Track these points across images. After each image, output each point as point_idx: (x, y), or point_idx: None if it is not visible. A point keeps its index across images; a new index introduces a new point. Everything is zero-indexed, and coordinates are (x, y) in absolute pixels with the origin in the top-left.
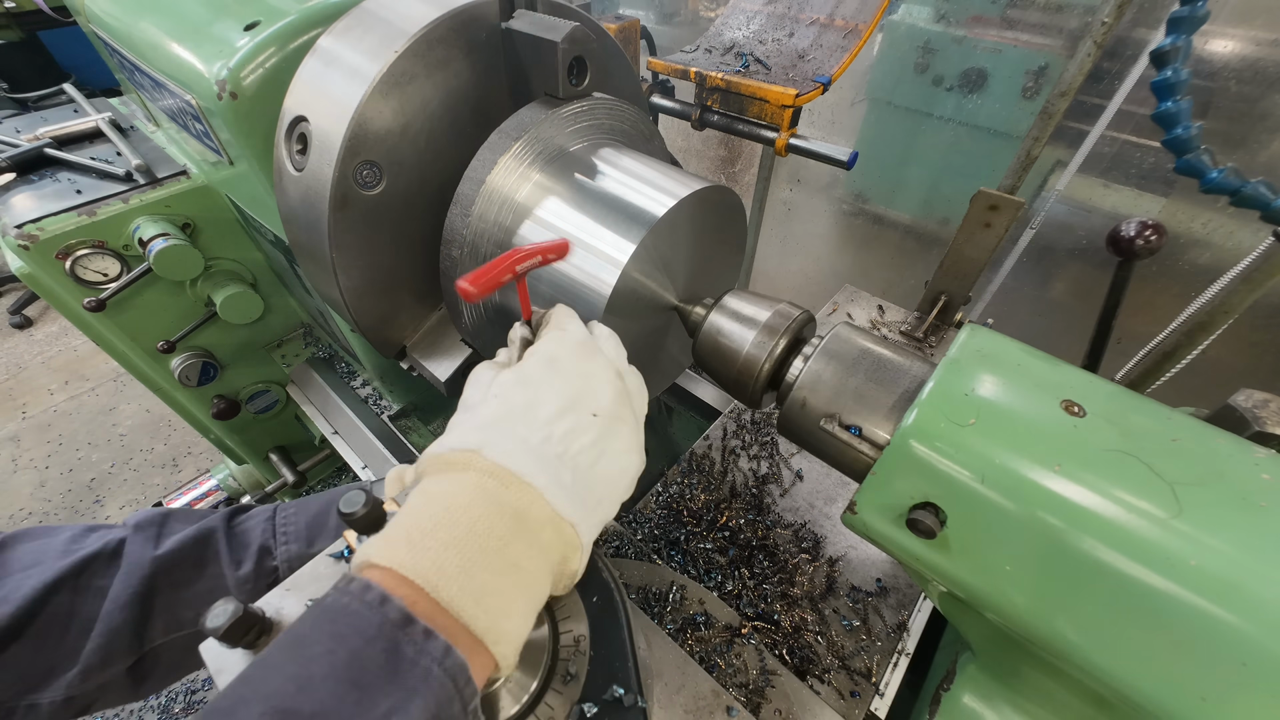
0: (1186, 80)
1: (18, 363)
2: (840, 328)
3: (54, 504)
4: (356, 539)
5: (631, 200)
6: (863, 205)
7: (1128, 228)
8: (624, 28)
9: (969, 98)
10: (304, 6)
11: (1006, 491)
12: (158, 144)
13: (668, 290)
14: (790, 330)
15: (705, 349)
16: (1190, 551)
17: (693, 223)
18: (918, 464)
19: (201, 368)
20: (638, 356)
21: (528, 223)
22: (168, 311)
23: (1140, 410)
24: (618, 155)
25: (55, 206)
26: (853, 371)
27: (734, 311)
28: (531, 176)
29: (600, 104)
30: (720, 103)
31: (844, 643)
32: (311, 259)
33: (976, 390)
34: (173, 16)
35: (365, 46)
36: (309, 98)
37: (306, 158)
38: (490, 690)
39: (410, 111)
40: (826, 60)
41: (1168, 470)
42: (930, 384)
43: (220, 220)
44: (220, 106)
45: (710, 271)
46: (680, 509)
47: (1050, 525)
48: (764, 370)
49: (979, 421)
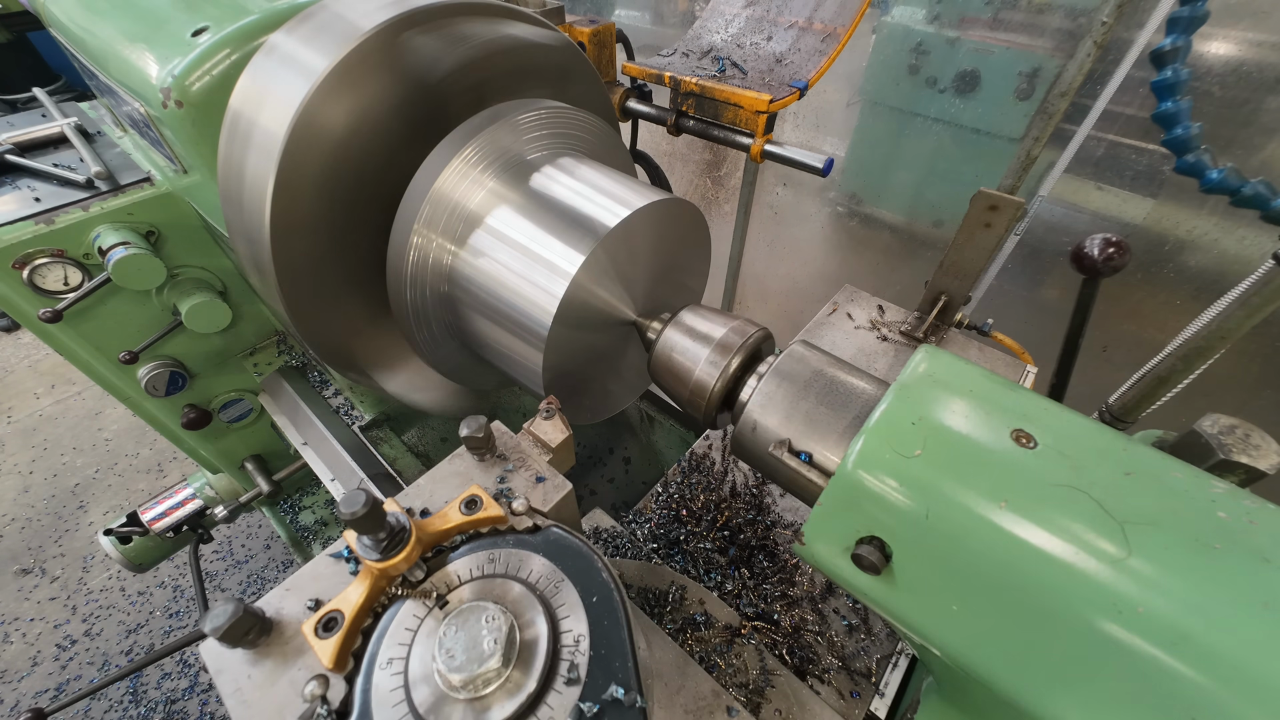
0: (1186, 80)
1: (4, 366)
2: (795, 346)
3: (37, 509)
4: (356, 539)
5: (585, 210)
6: (856, 207)
7: (1091, 246)
8: (598, 31)
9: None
10: (268, 7)
11: (952, 527)
12: (124, 150)
13: (625, 304)
14: (745, 348)
15: (660, 366)
16: (1139, 597)
17: (651, 235)
18: (863, 495)
19: (170, 377)
20: (594, 371)
21: (478, 232)
22: (132, 320)
23: (1095, 441)
24: (576, 165)
25: (12, 214)
26: (804, 394)
27: (689, 328)
28: (485, 183)
29: (561, 113)
30: (695, 108)
31: (844, 643)
32: (256, 269)
33: (925, 417)
34: (128, 20)
35: (318, 43)
36: (253, 96)
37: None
38: (489, 691)
39: (359, 111)
40: (804, 64)
41: (1119, 507)
42: (878, 410)
43: (186, 227)
44: (167, 115)
45: (673, 286)
46: (680, 509)
47: (996, 565)
48: (716, 390)
49: (925, 452)
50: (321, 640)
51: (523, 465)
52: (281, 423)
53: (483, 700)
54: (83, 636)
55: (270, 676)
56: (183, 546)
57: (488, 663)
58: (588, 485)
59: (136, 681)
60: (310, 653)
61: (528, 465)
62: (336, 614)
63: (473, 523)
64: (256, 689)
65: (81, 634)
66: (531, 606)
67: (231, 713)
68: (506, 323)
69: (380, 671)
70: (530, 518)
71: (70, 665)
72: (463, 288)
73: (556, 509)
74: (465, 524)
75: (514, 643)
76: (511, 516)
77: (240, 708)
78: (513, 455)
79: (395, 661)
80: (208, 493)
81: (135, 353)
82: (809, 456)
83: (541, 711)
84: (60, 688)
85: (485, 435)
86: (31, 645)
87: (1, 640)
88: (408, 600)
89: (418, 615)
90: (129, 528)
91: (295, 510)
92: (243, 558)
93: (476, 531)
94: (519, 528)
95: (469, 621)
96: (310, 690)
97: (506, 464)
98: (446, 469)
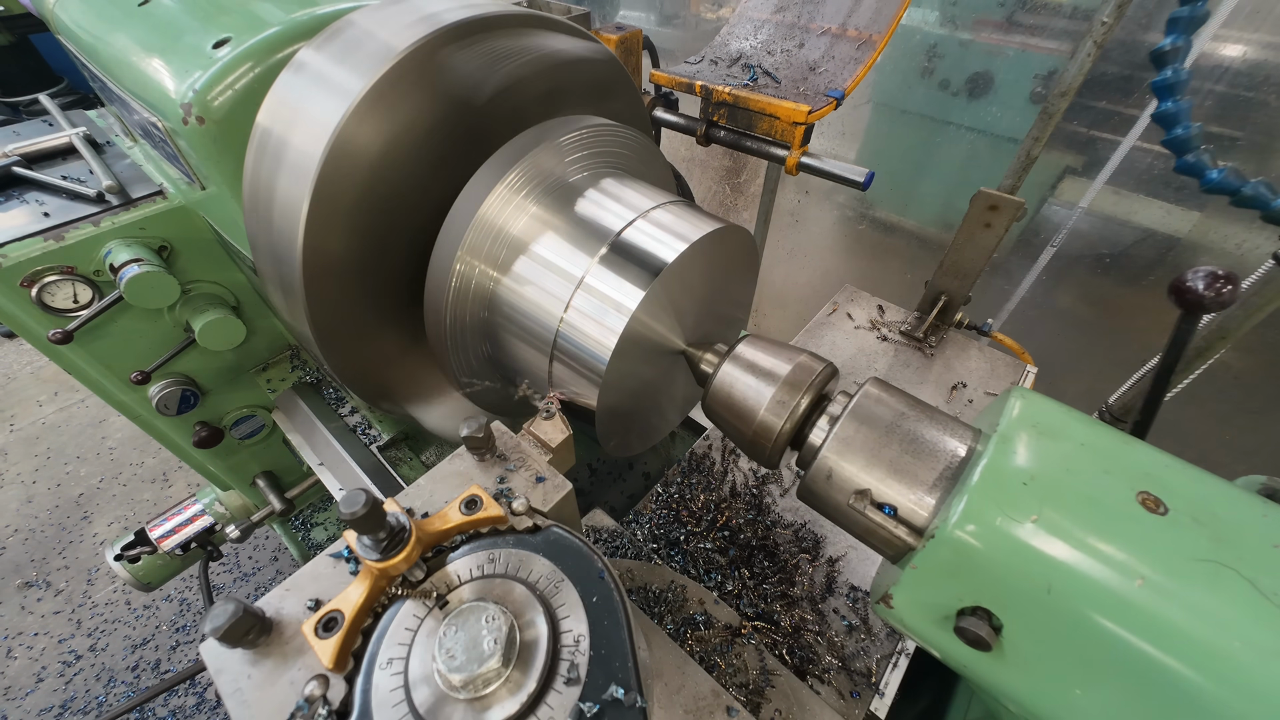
0: (1187, 80)
1: (6, 373)
2: (870, 386)
3: (40, 520)
4: (356, 539)
5: (638, 242)
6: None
7: (1195, 279)
8: (625, 38)
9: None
10: (289, 18)
11: (1080, 606)
12: (135, 161)
13: (675, 333)
14: (813, 387)
15: (718, 404)
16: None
17: (703, 263)
18: (970, 563)
19: (181, 396)
20: (643, 401)
21: (522, 259)
22: (144, 338)
23: (1230, 505)
24: (620, 187)
25: (20, 230)
26: (886, 440)
27: (749, 363)
28: (528, 209)
29: (601, 130)
30: (727, 118)
31: (844, 643)
32: (282, 289)
33: (1038, 476)
34: (142, 30)
35: (352, 62)
36: (284, 114)
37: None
38: (489, 691)
39: (395, 133)
40: (839, 73)
41: (1275, 588)
42: (981, 466)
43: (200, 241)
44: (187, 131)
45: (720, 309)
46: (680, 509)
47: (1133, 652)
48: (784, 432)
49: (1043, 518)
50: (321, 640)
51: (523, 465)
52: (296, 442)
53: (483, 700)
54: (87, 651)
55: (270, 676)
56: (191, 564)
57: (488, 663)
58: (607, 502)
59: None
60: (310, 653)
61: (528, 465)
62: (336, 614)
63: (473, 523)
64: (256, 689)
65: (86, 649)
66: (531, 606)
67: (231, 713)
68: (558, 357)
69: (380, 671)
70: (530, 518)
71: (75, 681)
72: (506, 316)
73: (556, 509)
74: (465, 524)
75: (514, 643)
76: (511, 516)
77: (240, 708)
78: (513, 455)
79: (395, 661)
80: (217, 509)
81: (147, 373)
82: (894, 510)
83: (541, 711)
84: (65, 705)
85: (485, 435)
86: (35, 661)
87: (5, 656)
88: (408, 600)
89: (418, 615)
90: (137, 547)
91: (308, 527)
92: (250, 570)
93: (476, 531)
94: (519, 528)
95: (469, 621)
96: (310, 690)
97: (506, 464)
98: (446, 469)
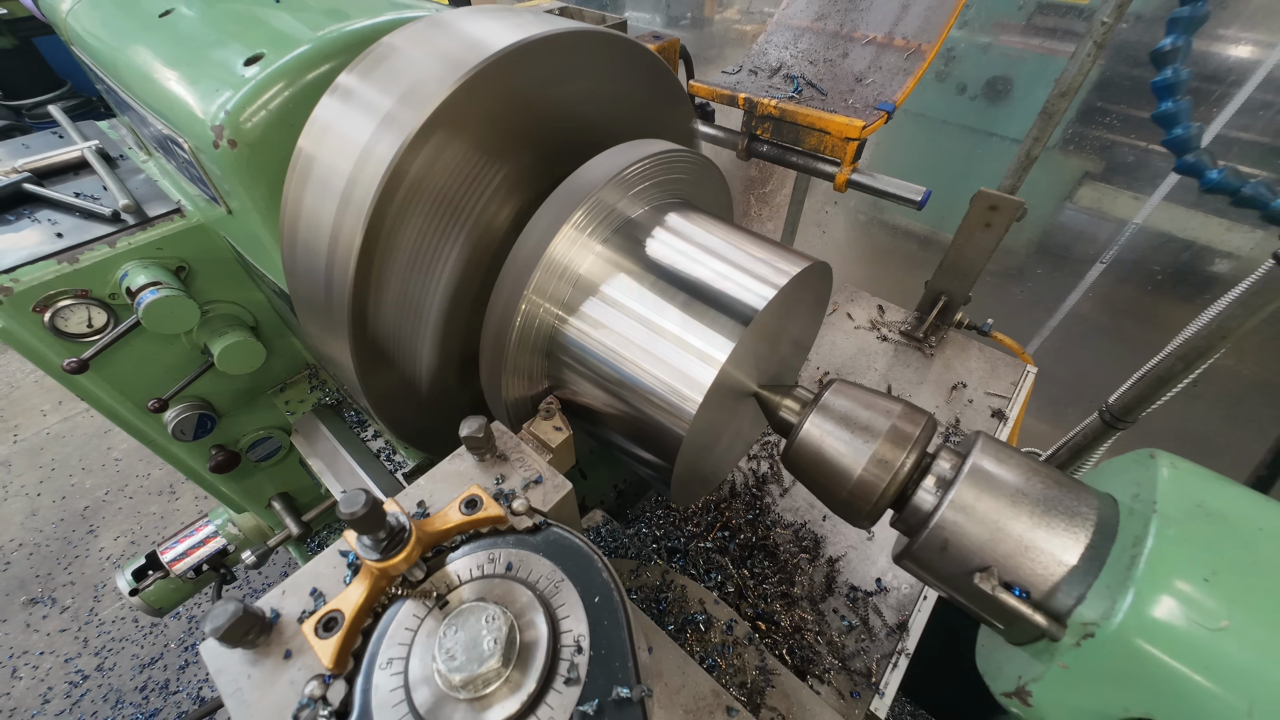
0: (1187, 80)
1: (10, 382)
2: (985, 442)
3: (45, 534)
4: (356, 539)
5: (722, 289)
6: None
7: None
8: (663, 48)
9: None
10: (318, 35)
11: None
12: (150, 175)
13: (750, 377)
14: (919, 443)
15: (805, 461)
16: None
17: (783, 305)
18: (1141, 669)
19: (198, 420)
20: (712, 443)
21: (592, 300)
22: (160, 362)
23: None
24: (686, 223)
25: (33, 252)
26: (1014, 510)
27: (842, 416)
28: (594, 248)
29: (671, 156)
30: (772, 132)
31: (844, 643)
32: (328, 330)
33: (1219, 571)
34: (164, 43)
35: (399, 88)
36: (329, 141)
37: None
38: (489, 691)
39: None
40: (887, 84)
41: None
42: (1145, 552)
43: (218, 261)
44: (217, 155)
45: (788, 343)
46: (680, 509)
47: None
48: (886, 495)
49: (1237, 624)
50: (321, 640)
51: (523, 465)
52: (318, 468)
53: (483, 700)
54: (95, 671)
55: (270, 676)
56: (204, 587)
57: (488, 663)
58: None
59: (152, 719)
60: (310, 653)
61: (528, 465)
62: (336, 614)
63: (473, 523)
64: (256, 689)
65: (94, 669)
66: (531, 606)
67: (231, 713)
68: (636, 404)
69: (380, 671)
70: (530, 518)
71: (83, 702)
72: (575, 361)
73: (556, 509)
74: (465, 524)
75: (514, 643)
76: (511, 516)
77: (240, 708)
78: (513, 455)
79: (395, 661)
80: (230, 530)
81: (165, 400)
82: (1027, 594)
83: (541, 711)
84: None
85: (485, 435)
86: (42, 681)
87: (10, 676)
88: (408, 600)
89: (418, 615)
90: (149, 571)
91: (324, 549)
92: (260, 586)
93: (476, 531)
94: (519, 528)
95: (469, 622)
96: (310, 690)
97: (506, 464)
98: (446, 469)
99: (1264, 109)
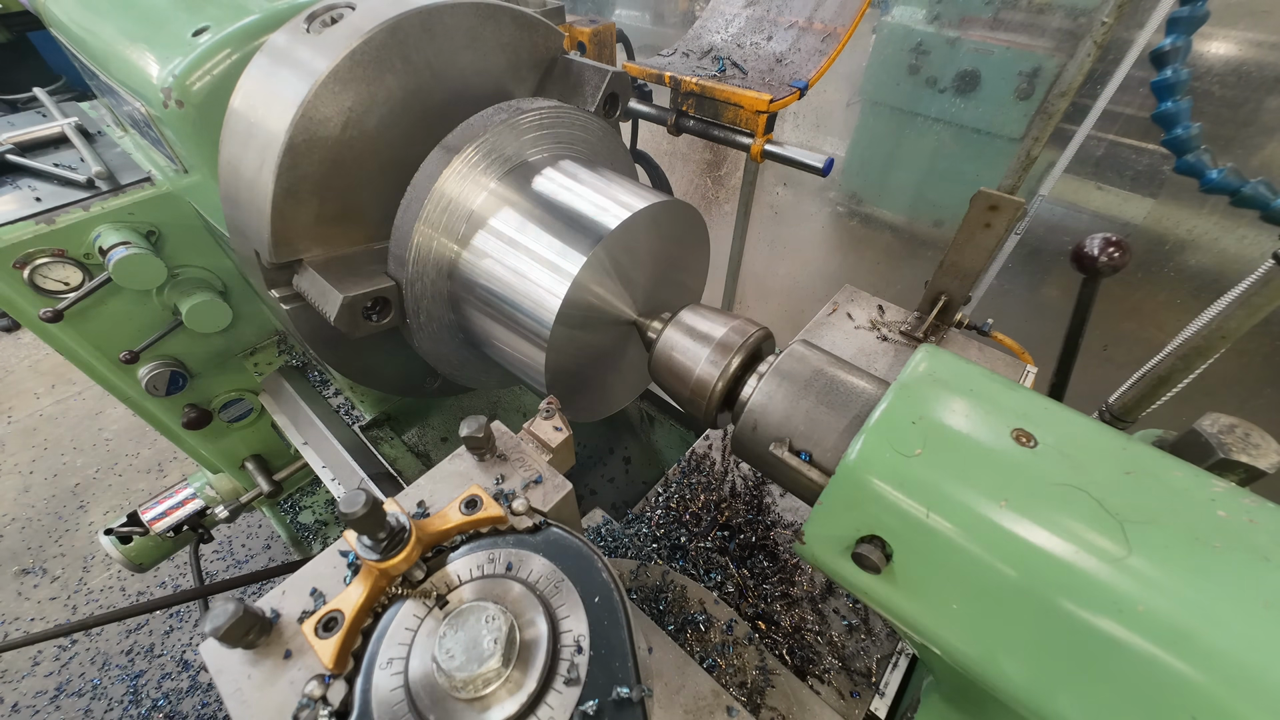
0: (1186, 80)
1: (4, 366)
2: (795, 345)
3: (37, 509)
4: (356, 539)
5: (586, 212)
6: (856, 207)
7: (1091, 245)
8: (598, 31)
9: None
10: (269, 6)
11: (952, 527)
12: (125, 149)
13: (626, 304)
14: (745, 348)
15: (660, 366)
16: (1139, 595)
17: (651, 236)
18: (864, 495)
19: (170, 377)
20: (595, 370)
21: (481, 232)
22: (133, 320)
23: (1095, 440)
24: (576, 168)
25: (13, 213)
26: (805, 393)
27: (689, 327)
28: (486, 184)
29: (561, 112)
30: (695, 108)
31: (844, 643)
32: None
33: (926, 417)
34: (128, 20)
35: (319, 44)
36: (254, 96)
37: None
38: (489, 691)
39: (359, 113)
40: (804, 64)
41: (1119, 506)
42: (878, 410)
43: (187, 227)
44: (168, 115)
45: (673, 286)
46: (680, 509)
47: (996, 564)
48: (717, 389)
49: (926, 451)
50: (321, 640)
51: (522, 465)
52: (282, 422)
53: (483, 700)
54: (83, 636)
55: (270, 676)
56: (183, 546)
57: (488, 663)
58: (587, 485)
59: (137, 681)
60: (310, 653)
61: (528, 465)
62: (336, 614)
63: (473, 523)
64: (256, 689)
65: (81, 634)
66: (531, 606)
67: (231, 713)
68: (510, 322)
69: (380, 671)
70: (530, 518)
71: (71, 664)
72: (464, 285)
73: (556, 509)
74: (465, 524)
75: (514, 643)
76: (511, 516)
77: (240, 708)
78: (513, 455)
79: (395, 661)
80: (208, 492)
81: (136, 352)
82: (809, 456)
83: (541, 711)
84: (60, 688)
85: (485, 435)
86: (31, 645)
87: (1, 639)
88: (408, 600)
89: (418, 615)
90: (129, 527)
91: (295, 510)
92: (243, 557)
93: (476, 531)
94: (519, 528)
95: (469, 621)
96: (310, 690)
97: (506, 464)
98: (446, 469)
99: (1141, 85)
